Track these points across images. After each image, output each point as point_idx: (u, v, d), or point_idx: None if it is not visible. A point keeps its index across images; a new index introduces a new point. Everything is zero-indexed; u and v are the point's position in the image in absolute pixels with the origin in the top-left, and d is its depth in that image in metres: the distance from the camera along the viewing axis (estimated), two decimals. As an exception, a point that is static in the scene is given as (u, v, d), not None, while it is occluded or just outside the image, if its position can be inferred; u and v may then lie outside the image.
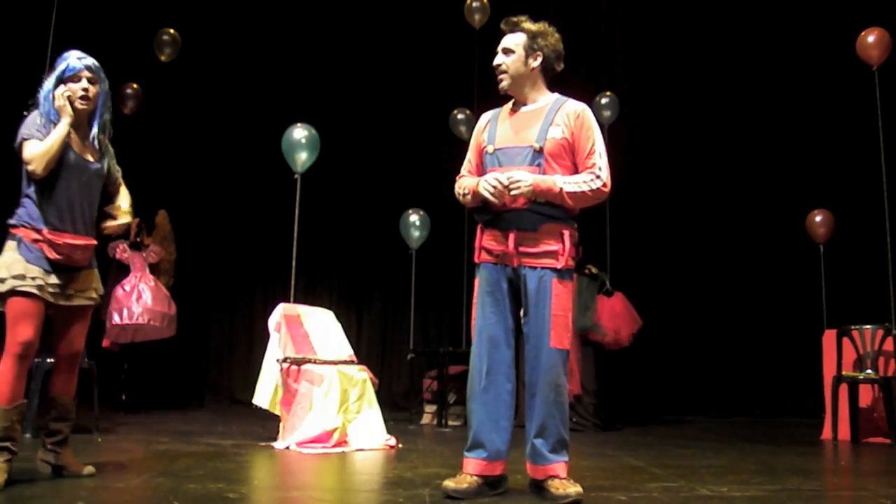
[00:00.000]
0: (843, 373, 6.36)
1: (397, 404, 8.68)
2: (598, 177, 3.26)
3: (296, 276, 6.17)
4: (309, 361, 5.30)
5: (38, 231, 3.34)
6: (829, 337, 6.67)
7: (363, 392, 5.33)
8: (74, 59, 3.50)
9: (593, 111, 3.48)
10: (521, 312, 3.32)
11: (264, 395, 5.36)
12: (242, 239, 9.16)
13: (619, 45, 9.25)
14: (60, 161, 3.38)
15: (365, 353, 8.71)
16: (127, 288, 7.38)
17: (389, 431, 5.36)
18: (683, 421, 8.08)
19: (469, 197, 3.38)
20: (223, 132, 9.11)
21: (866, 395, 6.43)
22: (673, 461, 4.64)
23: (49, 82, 3.47)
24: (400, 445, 5.23)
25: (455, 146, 8.34)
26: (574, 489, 3.12)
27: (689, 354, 8.67)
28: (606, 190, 3.30)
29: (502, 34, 3.44)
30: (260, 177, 8.67)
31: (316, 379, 5.17)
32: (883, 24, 7.01)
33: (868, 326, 6.33)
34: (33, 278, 3.30)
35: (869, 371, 6.26)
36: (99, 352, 6.89)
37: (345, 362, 5.52)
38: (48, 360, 5.33)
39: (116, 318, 7.26)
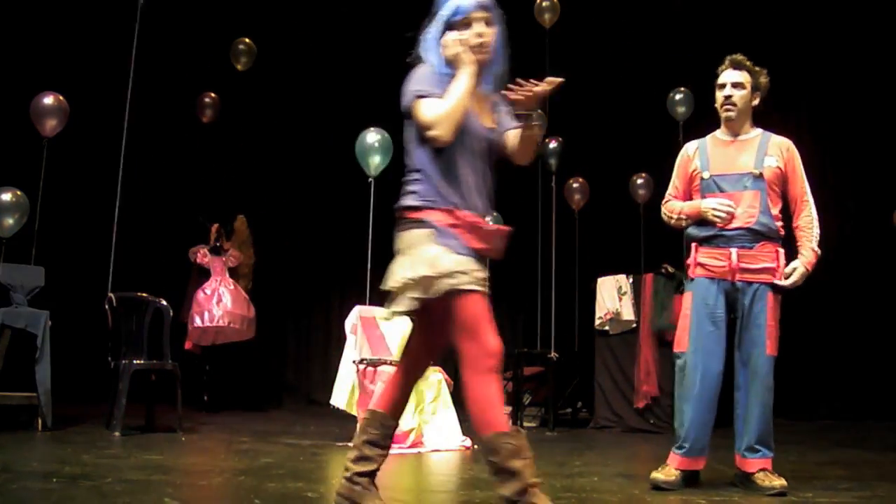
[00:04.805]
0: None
1: (472, 406, 8.67)
2: (814, 215, 3.73)
3: (371, 279, 6.22)
4: (385, 363, 5.34)
5: (451, 212, 2.57)
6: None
7: (438, 393, 5.35)
8: None
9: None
10: (738, 324, 3.67)
11: (341, 396, 5.42)
12: (319, 242, 9.29)
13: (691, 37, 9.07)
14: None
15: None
16: (208, 291, 7.58)
17: (465, 433, 5.37)
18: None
19: (685, 220, 3.79)
20: (298, 138, 9.27)
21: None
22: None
23: (433, 29, 2.77)
24: (475, 446, 5.23)
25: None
26: (779, 482, 3.48)
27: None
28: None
29: (722, 68, 3.76)
30: (334, 181, 8.77)
31: (391, 380, 5.20)
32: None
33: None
34: (471, 271, 2.53)
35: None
36: (181, 354, 7.07)
37: (420, 364, 5.54)
38: (135, 362, 5.52)
39: (198, 321, 7.46)
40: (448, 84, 2.62)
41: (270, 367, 9.25)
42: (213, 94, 8.41)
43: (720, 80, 3.77)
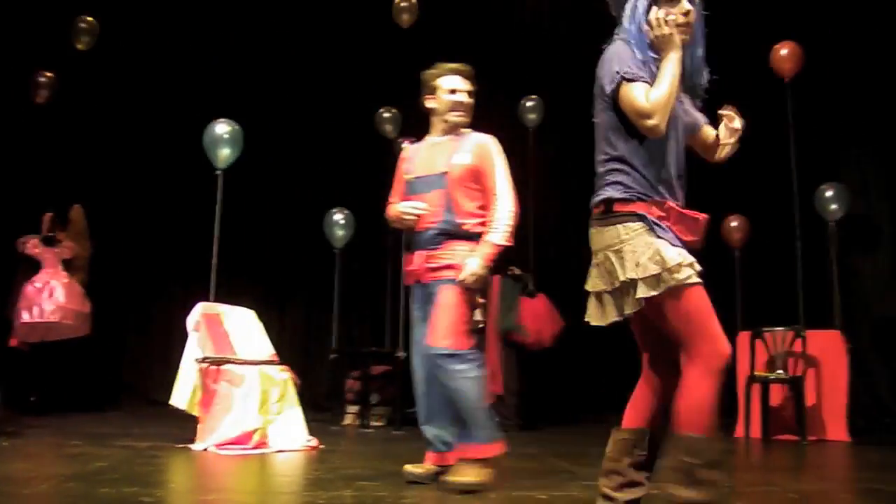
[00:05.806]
0: (756, 373, 6.58)
1: (319, 405, 8.58)
2: (504, 209, 3.65)
3: (216, 275, 6.04)
4: (229, 361, 5.21)
5: (661, 204, 2.41)
6: (743, 338, 6.89)
7: (284, 392, 5.27)
8: None
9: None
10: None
11: (182, 395, 5.24)
12: (161, 235, 8.94)
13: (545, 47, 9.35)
14: None
15: (287, 352, 8.56)
16: (38, 285, 7.15)
17: (311, 432, 5.31)
18: (604, 420, 8.18)
19: (397, 224, 3.84)
20: (142, 125, 8.88)
21: (777, 395, 6.68)
22: (593, 461, 4.68)
23: (638, 2, 2.47)
24: (321, 446, 5.18)
25: (380, 145, 8.32)
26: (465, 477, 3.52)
27: (610, 355, 8.79)
28: (516, 210, 3.70)
29: (456, 73, 3.89)
30: (180, 172, 8.47)
31: (236, 379, 5.09)
32: (795, 39, 7.33)
33: (779, 328, 6.60)
34: (693, 263, 2.40)
35: (780, 371, 6.51)
36: (6, 351, 6.64)
37: (266, 362, 5.45)
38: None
39: (26, 316, 7.02)
40: (650, 66, 2.40)
41: (107, 366, 8.80)
42: (48, 74, 7.91)
43: (454, 86, 3.83)
